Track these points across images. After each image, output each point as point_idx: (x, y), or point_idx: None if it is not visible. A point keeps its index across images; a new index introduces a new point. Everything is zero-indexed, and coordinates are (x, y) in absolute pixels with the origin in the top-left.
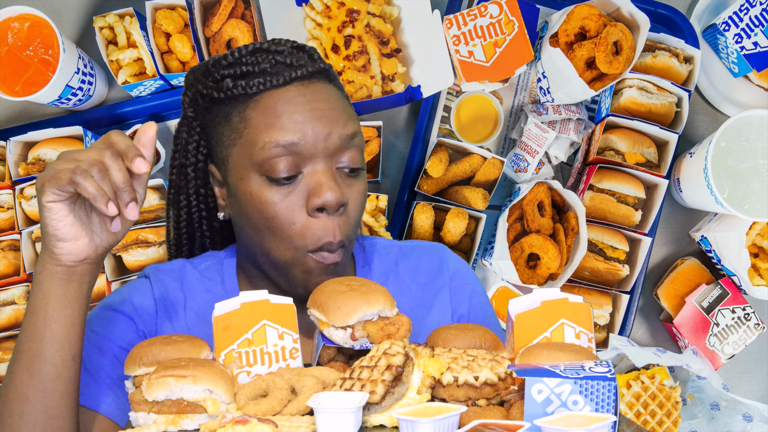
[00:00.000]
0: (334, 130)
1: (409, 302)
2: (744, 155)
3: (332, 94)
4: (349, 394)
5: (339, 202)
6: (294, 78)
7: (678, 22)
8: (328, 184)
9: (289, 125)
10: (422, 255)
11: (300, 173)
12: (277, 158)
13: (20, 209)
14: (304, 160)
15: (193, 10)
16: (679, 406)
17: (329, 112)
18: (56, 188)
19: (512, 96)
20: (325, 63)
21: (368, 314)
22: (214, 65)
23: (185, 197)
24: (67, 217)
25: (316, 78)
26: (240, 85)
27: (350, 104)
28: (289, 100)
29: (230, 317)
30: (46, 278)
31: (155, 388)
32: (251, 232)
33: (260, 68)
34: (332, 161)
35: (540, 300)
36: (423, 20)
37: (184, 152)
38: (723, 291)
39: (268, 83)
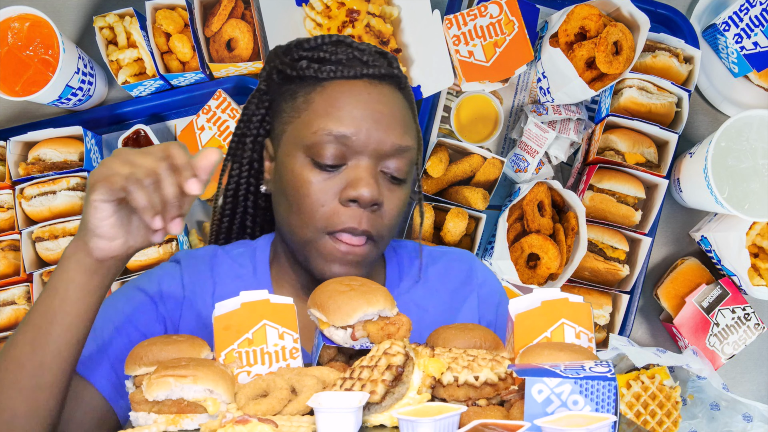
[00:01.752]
0: (388, 136)
1: (437, 306)
2: (744, 155)
3: (398, 102)
4: (350, 393)
5: (373, 199)
6: (364, 74)
7: (678, 22)
8: (367, 180)
9: (346, 118)
10: (452, 261)
11: (344, 164)
12: (326, 145)
13: (20, 209)
14: (351, 153)
15: (193, 10)
16: (679, 406)
17: (388, 118)
18: (107, 190)
19: (512, 96)
20: (400, 71)
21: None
22: (296, 46)
23: (238, 166)
24: (110, 218)
25: (387, 81)
26: (313, 67)
27: (415, 119)
28: (353, 94)
29: (230, 317)
30: (73, 264)
31: (155, 388)
32: (283, 210)
33: (336, 58)
34: (378, 162)
35: (540, 300)
36: (423, 20)
37: (248, 123)
38: (723, 291)
39: (339, 72)
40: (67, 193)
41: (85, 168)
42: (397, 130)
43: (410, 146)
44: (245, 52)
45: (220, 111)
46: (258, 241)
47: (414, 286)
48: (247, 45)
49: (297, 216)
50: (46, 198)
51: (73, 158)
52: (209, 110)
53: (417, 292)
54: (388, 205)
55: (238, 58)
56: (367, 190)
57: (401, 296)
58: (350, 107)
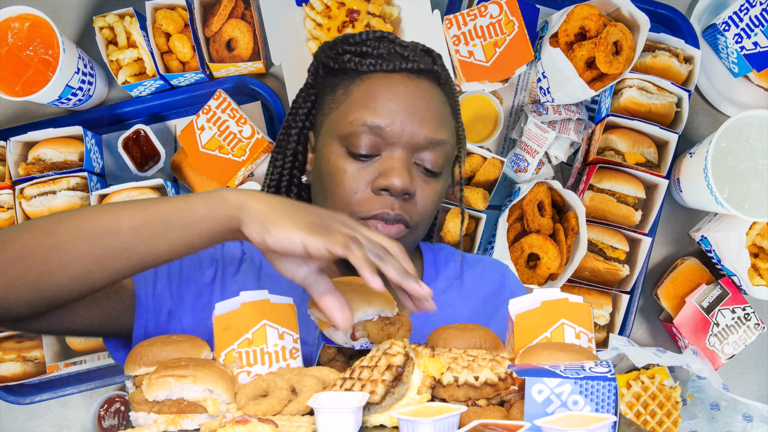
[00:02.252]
0: (422, 128)
1: (470, 311)
2: (744, 155)
3: (435, 96)
4: (350, 394)
5: (404, 189)
6: (402, 68)
7: (678, 22)
8: (399, 170)
9: (382, 110)
10: (487, 269)
11: (378, 155)
12: (361, 135)
13: (20, 209)
14: (385, 144)
15: (193, 10)
16: (679, 406)
17: (424, 111)
18: (336, 248)
19: (512, 96)
20: (443, 68)
21: (368, 314)
22: (342, 41)
23: (282, 157)
24: (286, 253)
25: (425, 76)
26: (354, 60)
27: (454, 115)
28: (390, 87)
29: (230, 317)
30: (224, 210)
31: (155, 388)
32: (319, 198)
33: (378, 52)
34: (412, 154)
35: (540, 300)
36: (423, 20)
37: (294, 115)
38: (723, 291)
39: (378, 66)
40: (67, 193)
41: (85, 168)
42: (431, 123)
43: (445, 140)
44: (245, 52)
45: (220, 111)
46: None
47: (450, 287)
48: (247, 45)
49: (331, 203)
50: (46, 198)
51: (73, 158)
52: (209, 110)
53: (452, 293)
54: (421, 196)
55: (238, 58)
56: (399, 180)
57: (437, 296)
58: (386, 99)
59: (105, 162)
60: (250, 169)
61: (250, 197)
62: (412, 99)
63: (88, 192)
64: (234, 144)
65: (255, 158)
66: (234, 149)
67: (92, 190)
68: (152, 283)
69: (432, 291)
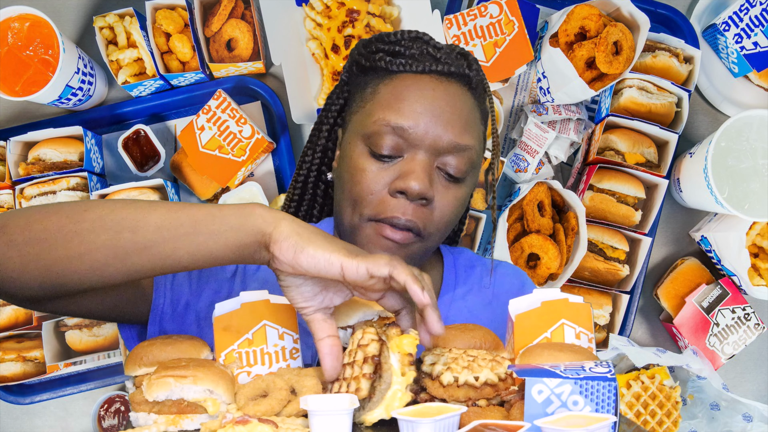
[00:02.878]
0: (446, 132)
1: (489, 316)
2: (744, 155)
3: (464, 101)
4: (338, 396)
5: (421, 193)
6: (432, 70)
7: (678, 22)
8: (418, 173)
9: (407, 111)
10: (505, 275)
11: (401, 157)
12: (383, 135)
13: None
14: (408, 146)
15: (193, 10)
16: (679, 406)
17: (449, 114)
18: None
19: (512, 96)
20: (477, 72)
21: (368, 314)
22: (377, 39)
23: (312, 152)
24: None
25: (456, 79)
26: (384, 59)
27: (483, 121)
28: (418, 88)
29: (230, 317)
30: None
31: (155, 389)
32: (338, 195)
33: (410, 52)
34: (434, 158)
35: (540, 300)
36: (423, 20)
37: (327, 111)
38: (723, 291)
39: (408, 66)
40: (67, 193)
41: (85, 168)
42: (456, 128)
43: (469, 145)
44: (245, 52)
45: (220, 111)
46: (320, 224)
47: (469, 292)
48: (247, 45)
49: (348, 201)
50: (46, 198)
51: (73, 158)
52: (209, 110)
53: (471, 299)
54: (440, 202)
55: (238, 58)
56: (417, 183)
57: (456, 301)
58: (412, 101)
59: (105, 162)
60: (250, 169)
61: (284, 217)
62: (438, 102)
63: (88, 192)
64: (234, 144)
65: (255, 158)
66: (234, 149)
67: (92, 190)
68: (171, 276)
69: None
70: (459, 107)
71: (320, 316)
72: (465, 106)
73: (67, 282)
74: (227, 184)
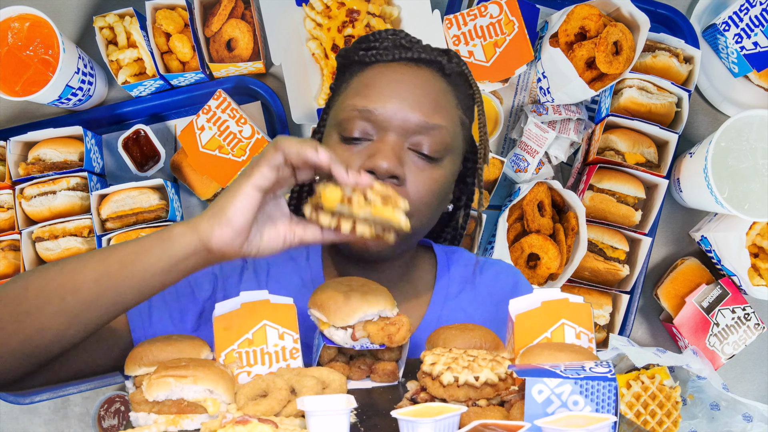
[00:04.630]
0: (414, 112)
1: (482, 315)
2: (744, 155)
3: (435, 84)
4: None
5: (389, 170)
6: (401, 57)
7: (678, 22)
8: (386, 152)
9: (373, 95)
10: (499, 273)
11: (370, 140)
12: (352, 120)
13: (20, 209)
14: (377, 129)
15: (193, 10)
16: (679, 406)
17: (420, 97)
18: (274, 161)
19: (512, 96)
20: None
21: (368, 314)
22: (358, 41)
23: None
24: (251, 212)
25: (426, 65)
26: (358, 54)
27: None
28: (387, 74)
29: (231, 317)
30: (181, 245)
31: (155, 388)
32: None
33: (383, 45)
34: (405, 139)
35: (540, 300)
36: (423, 20)
37: (322, 120)
38: (723, 291)
39: (379, 56)
40: (67, 193)
41: (85, 168)
42: (425, 108)
43: (440, 125)
44: (245, 52)
45: (220, 111)
46: None
47: (463, 291)
48: (247, 45)
49: None
50: (46, 198)
51: (73, 158)
52: (209, 110)
53: (465, 297)
54: (414, 182)
55: (238, 58)
56: (384, 161)
57: (450, 300)
58: (381, 85)
59: (105, 162)
60: None
61: (197, 219)
62: (406, 84)
63: (88, 192)
64: (234, 144)
65: None
66: (234, 149)
67: (92, 190)
68: (147, 316)
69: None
70: (428, 89)
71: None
72: (435, 89)
73: (40, 354)
74: (227, 184)
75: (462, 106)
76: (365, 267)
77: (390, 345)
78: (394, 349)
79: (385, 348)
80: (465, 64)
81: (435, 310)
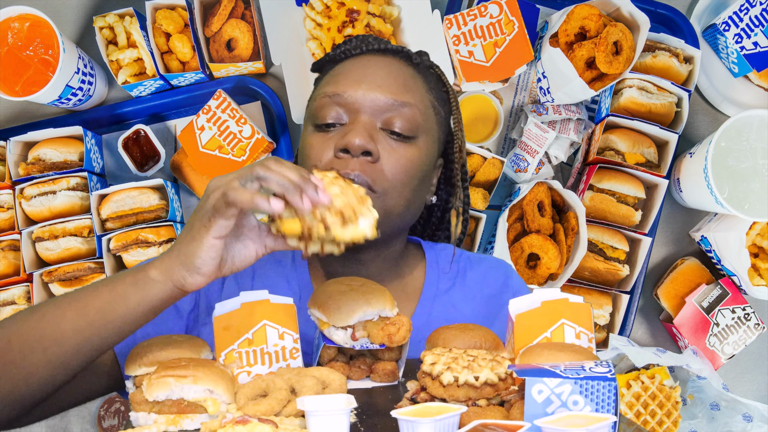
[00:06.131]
0: (383, 92)
1: (473, 310)
2: (744, 155)
3: (402, 70)
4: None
5: (361, 146)
6: (369, 50)
7: (678, 22)
8: (357, 129)
9: (343, 81)
10: (490, 268)
11: (343, 124)
12: (323, 107)
13: (20, 209)
14: (348, 112)
15: (193, 10)
16: (679, 406)
17: (386, 78)
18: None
19: (512, 96)
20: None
21: (368, 314)
22: (333, 48)
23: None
24: (218, 254)
25: (392, 55)
26: (330, 55)
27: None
28: (355, 63)
29: (231, 317)
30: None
31: (156, 388)
32: None
33: (353, 45)
34: (376, 119)
35: (540, 300)
36: (423, 20)
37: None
38: (723, 291)
39: (349, 52)
40: (67, 193)
41: (85, 168)
42: (393, 87)
43: (410, 102)
44: (245, 52)
45: (220, 111)
46: None
47: (452, 287)
48: (247, 45)
49: None
50: (46, 198)
51: (73, 158)
52: (209, 110)
53: (455, 293)
54: (388, 159)
55: (238, 58)
56: (356, 138)
57: (440, 296)
58: (349, 73)
59: (105, 162)
60: None
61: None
62: (374, 68)
63: (88, 192)
64: (234, 144)
65: (255, 158)
66: (234, 149)
67: (92, 190)
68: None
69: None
70: (395, 72)
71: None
72: (402, 73)
73: (27, 399)
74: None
75: (433, 94)
76: (352, 264)
77: (390, 345)
78: (393, 349)
79: (385, 348)
80: (434, 63)
81: (425, 306)
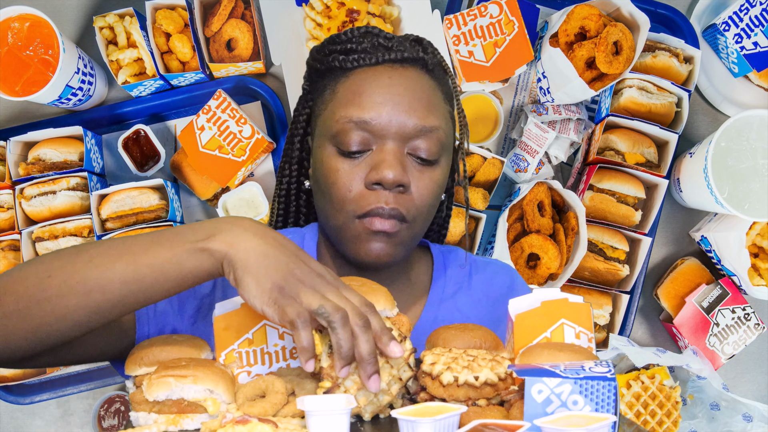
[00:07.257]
0: (410, 117)
1: (478, 314)
2: (744, 155)
3: (423, 83)
4: (335, 396)
5: (396, 181)
6: (386, 59)
7: (678, 22)
8: (390, 162)
9: (367, 103)
10: (496, 273)
11: (370, 150)
12: (349, 132)
13: (20, 209)
14: (375, 138)
15: (193, 10)
16: (679, 406)
17: (410, 99)
18: (288, 321)
19: (512, 96)
20: (434, 55)
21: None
22: (328, 42)
23: (288, 166)
24: None
25: (410, 64)
26: (338, 59)
27: (447, 100)
28: (375, 79)
29: (231, 317)
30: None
31: (156, 388)
32: (319, 199)
33: (361, 47)
34: (404, 145)
35: (540, 300)
36: (423, 20)
37: (295, 123)
38: (723, 291)
39: (362, 60)
40: (67, 193)
41: (85, 168)
42: (419, 111)
43: (436, 126)
44: (245, 52)
45: (220, 111)
46: (306, 228)
47: (458, 291)
48: (247, 45)
49: (329, 203)
50: (46, 198)
51: (73, 158)
52: (209, 110)
53: (461, 298)
54: (417, 186)
55: (238, 58)
56: (390, 172)
57: (446, 300)
58: (371, 92)
59: (105, 162)
60: (250, 169)
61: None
62: (397, 89)
63: (88, 192)
64: (234, 144)
65: (255, 158)
66: (234, 149)
67: (92, 190)
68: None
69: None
70: (418, 91)
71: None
72: (425, 89)
73: (53, 341)
74: (227, 184)
75: (447, 98)
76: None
77: None
78: None
79: None
80: (439, 52)
81: (431, 310)
